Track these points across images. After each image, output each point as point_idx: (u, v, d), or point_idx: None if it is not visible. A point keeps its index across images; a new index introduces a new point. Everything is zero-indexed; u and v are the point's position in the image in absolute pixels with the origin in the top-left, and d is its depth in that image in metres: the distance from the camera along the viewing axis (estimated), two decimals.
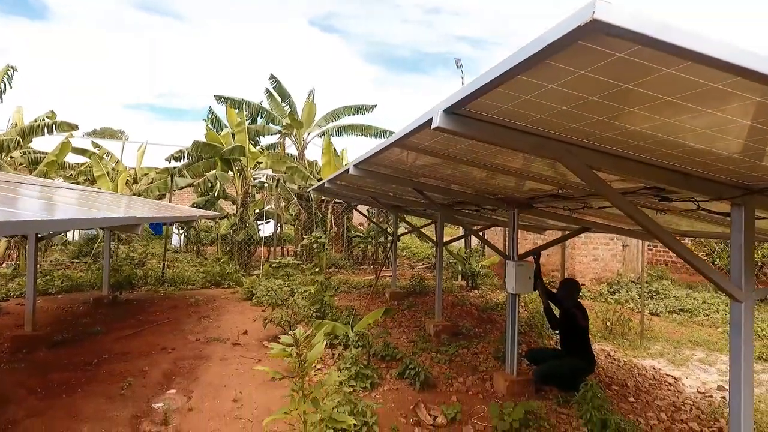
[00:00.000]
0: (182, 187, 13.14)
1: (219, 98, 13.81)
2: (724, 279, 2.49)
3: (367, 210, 17.47)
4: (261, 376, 5.21)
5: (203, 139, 13.06)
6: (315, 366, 5.50)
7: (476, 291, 11.42)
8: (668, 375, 5.71)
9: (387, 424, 4.10)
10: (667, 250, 13.23)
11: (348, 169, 4.88)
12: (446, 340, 6.83)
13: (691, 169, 2.43)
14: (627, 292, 10.55)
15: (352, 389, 4.46)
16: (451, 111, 2.16)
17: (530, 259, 5.17)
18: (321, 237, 8.86)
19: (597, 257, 11.51)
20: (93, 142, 16.44)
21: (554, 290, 5.59)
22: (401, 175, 4.80)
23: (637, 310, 8.94)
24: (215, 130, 14.71)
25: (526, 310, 8.83)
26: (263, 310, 8.16)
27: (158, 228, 17.66)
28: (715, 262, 10.70)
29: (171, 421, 3.99)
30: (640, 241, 12.37)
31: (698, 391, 5.27)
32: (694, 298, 9.89)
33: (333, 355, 5.88)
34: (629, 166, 2.40)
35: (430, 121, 2.28)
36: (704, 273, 2.53)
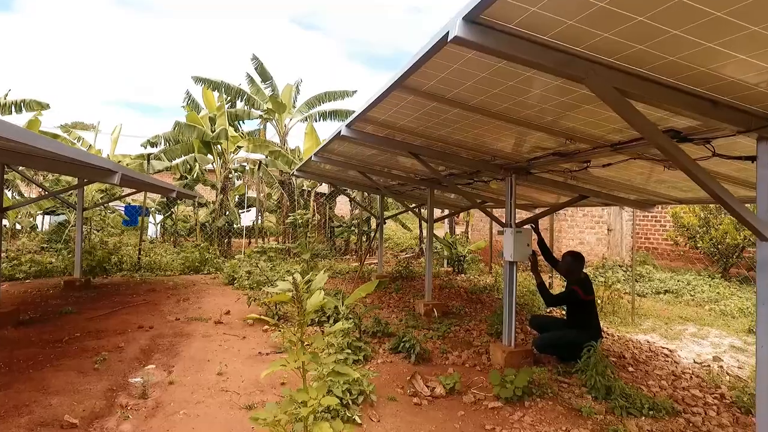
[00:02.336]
0: (159, 171, 12.61)
1: (197, 79, 13.24)
2: (751, 215, 2.34)
3: (350, 201, 17.19)
4: (247, 351, 4.93)
5: (184, 121, 12.54)
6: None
7: (463, 275, 11.30)
8: (663, 347, 5.64)
9: (384, 394, 3.88)
10: (648, 236, 13.34)
11: (340, 131, 4.63)
12: (437, 319, 6.66)
13: (720, 97, 2.28)
14: (613, 274, 10.56)
15: (345, 359, 4.22)
16: (470, 19, 1.94)
17: (528, 226, 5.00)
18: (306, 213, 8.53)
19: (583, 241, 11.51)
20: (62, 127, 15.68)
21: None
22: (397, 136, 4.56)
23: (624, 291, 8.93)
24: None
25: None
26: (246, 294, 7.86)
27: (134, 218, 16.99)
28: (698, 246, 10.78)
29: (150, 394, 3.68)
30: (625, 226, 12.44)
31: (695, 362, 5.20)
32: (678, 280, 9.95)
33: (322, 332, 5.62)
34: (658, 91, 2.22)
35: (446, 37, 2.06)
36: (735, 211, 2.35)
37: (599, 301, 7.51)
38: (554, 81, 2.53)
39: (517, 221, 4.89)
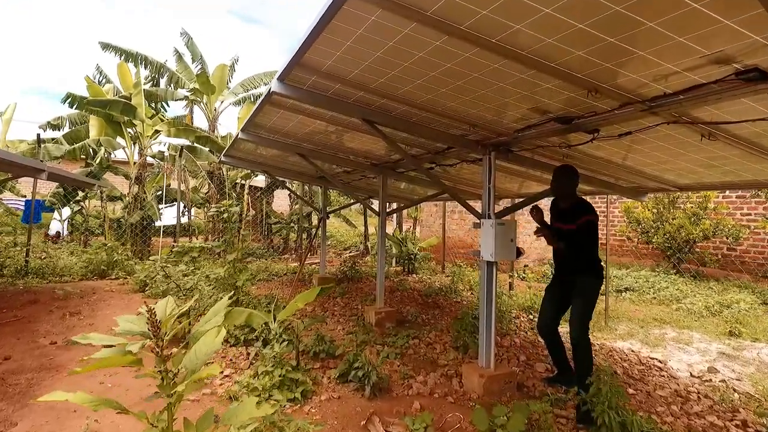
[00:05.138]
0: (57, 157, 10.56)
1: (106, 46, 11.11)
2: None
3: (290, 195, 15.74)
4: (138, 390, 3.59)
5: (86, 95, 10.50)
6: (222, 372, 3.97)
7: (415, 275, 10.34)
8: (653, 358, 4.92)
9: None
10: None
11: (270, 89, 3.40)
12: (392, 330, 5.60)
13: None
14: None
15: (276, 404, 3.03)
16: None
17: (509, 217, 4.02)
18: (233, 204, 7.15)
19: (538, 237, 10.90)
20: None
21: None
22: (348, 96, 3.41)
23: None
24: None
25: (473, 294, 7.86)
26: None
27: (35, 214, 14.53)
28: (651, 241, 10.50)
29: None
30: None
31: (692, 375, 4.50)
32: (636, 277, 9.56)
33: (248, 354, 4.38)
34: None
35: None
36: None
37: None
38: None
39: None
